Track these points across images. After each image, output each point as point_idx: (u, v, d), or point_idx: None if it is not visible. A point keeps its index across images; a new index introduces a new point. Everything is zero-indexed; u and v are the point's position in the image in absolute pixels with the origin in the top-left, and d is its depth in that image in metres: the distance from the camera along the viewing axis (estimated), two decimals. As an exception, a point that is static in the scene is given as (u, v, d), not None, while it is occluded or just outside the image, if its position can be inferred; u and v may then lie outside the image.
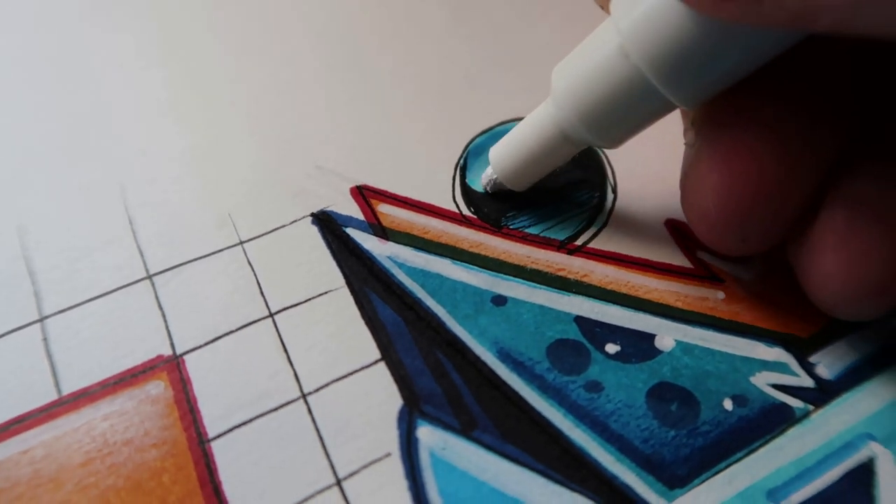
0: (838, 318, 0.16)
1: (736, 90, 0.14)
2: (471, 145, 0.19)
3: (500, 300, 0.17)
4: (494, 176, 0.18)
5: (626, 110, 0.15)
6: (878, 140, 0.14)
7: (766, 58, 0.13)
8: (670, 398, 0.15)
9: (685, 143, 0.16)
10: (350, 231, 0.18)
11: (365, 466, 0.14)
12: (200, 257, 0.17)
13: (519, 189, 0.18)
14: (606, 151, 0.19)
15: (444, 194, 0.18)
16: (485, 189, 0.18)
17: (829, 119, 0.14)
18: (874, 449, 0.15)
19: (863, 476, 0.14)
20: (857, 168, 0.14)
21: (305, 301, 0.16)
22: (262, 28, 0.22)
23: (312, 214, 0.18)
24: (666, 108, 0.14)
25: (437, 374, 0.15)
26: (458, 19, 0.23)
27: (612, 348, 0.16)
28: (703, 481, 0.14)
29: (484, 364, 0.16)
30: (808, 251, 0.14)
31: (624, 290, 0.17)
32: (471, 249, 0.17)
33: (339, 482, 0.14)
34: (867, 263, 0.14)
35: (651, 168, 0.19)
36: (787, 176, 0.14)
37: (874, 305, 0.14)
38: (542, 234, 0.18)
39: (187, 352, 0.16)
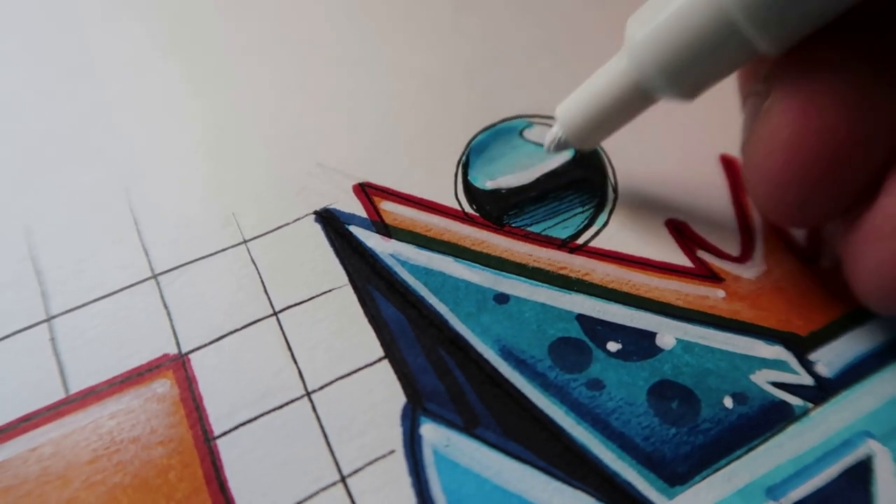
0: (844, 312, 0.16)
1: (818, 39, 0.13)
2: (473, 142, 0.19)
3: (502, 298, 0.17)
4: (561, 135, 0.17)
5: (707, 57, 0.14)
6: None
7: None
8: (671, 396, 0.15)
9: (747, 105, 0.15)
10: (353, 229, 0.18)
11: (369, 463, 0.14)
12: (205, 256, 0.17)
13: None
14: (608, 151, 0.19)
15: (446, 191, 0.19)
16: (547, 149, 0.18)
17: None
18: (872, 447, 0.15)
19: (861, 473, 0.14)
20: None
21: (309, 299, 0.17)
22: (264, 27, 0.22)
23: (315, 212, 0.18)
24: (750, 54, 0.14)
25: (439, 372, 0.16)
26: (460, 16, 0.23)
27: (613, 346, 0.16)
28: (704, 478, 0.14)
29: (486, 362, 0.16)
30: (861, 236, 0.14)
31: (625, 289, 0.17)
32: (473, 247, 0.17)
33: (343, 479, 0.14)
34: None
35: (652, 168, 0.19)
36: (864, 137, 0.13)
37: None
38: (543, 233, 0.18)
39: (192, 350, 0.16)
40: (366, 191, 0.18)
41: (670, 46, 0.14)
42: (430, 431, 0.15)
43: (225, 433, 0.15)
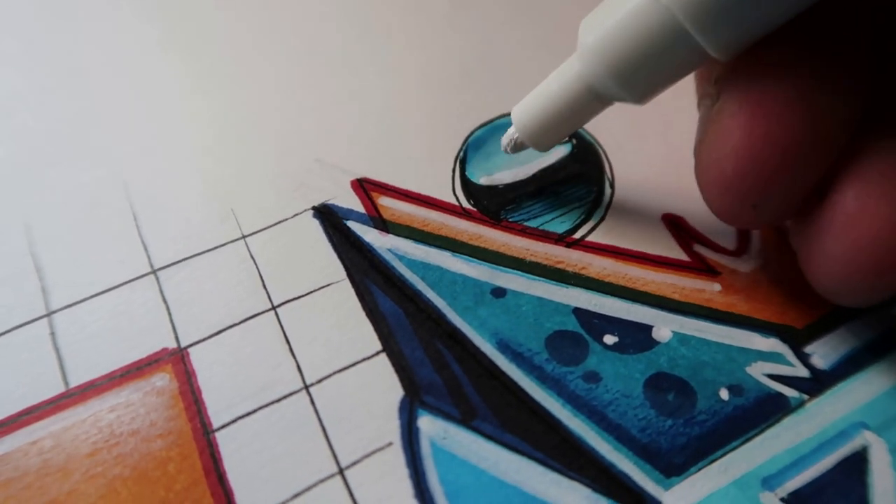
0: (838, 305, 0.16)
1: (765, 45, 0.13)
2: (470, 138, 0.20)
3: (499, 292, 0.17)
4: (516, 135, 0.17)
5: (657, 61, 0.14)
6: (890, 120, 0.14)
7: (807, 1, 0.12)
8: (667, 388, 0.15)
9: (701, 106, 0.16)
10: (351, 224, 0.18)
11: (367, 455, 0.15)
12: (204, 252, 0.17)
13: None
14: (605, 147, 0.20)
15: (443, 187, 0.19)
16: (504, 149, 0.18)
17: (856, 82, 0.14)
18: (868, 437, 0.15)
19: (856, 464, 0.15)
20: (868, 149, 0.14)
21: (307, 294, 0.17)
22: (263, 24, 0.22)
23: (314, 208, 0.18)
24: (699, 59, 0.14)
25: (437, 365, 0.16)
26: (458, 12, 0.23)
27: (609, 339, 0.16)
28: (700, 469, 0.14)
29: (483, 355, 0.16)
30: (815, 233, 0.14)
31: (621, 283, 0.17)
32: (470, 242, 0.18)
33: (341, 471, 0.14)
34: (875, 247, 0.13)
35: (649, 163, 0.19)
36: (813, 140, 0.14)
37: (878, 291, 0.14)
38: (540, 227, 0.18)
39: (192, 344, 0.16)
40: (364, 186, 0.19)
41: (621, 51, 0.14)
42: (428, 424, 0.15)
43: (224, 426, 0.15)
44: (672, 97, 0.20)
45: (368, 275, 0.17)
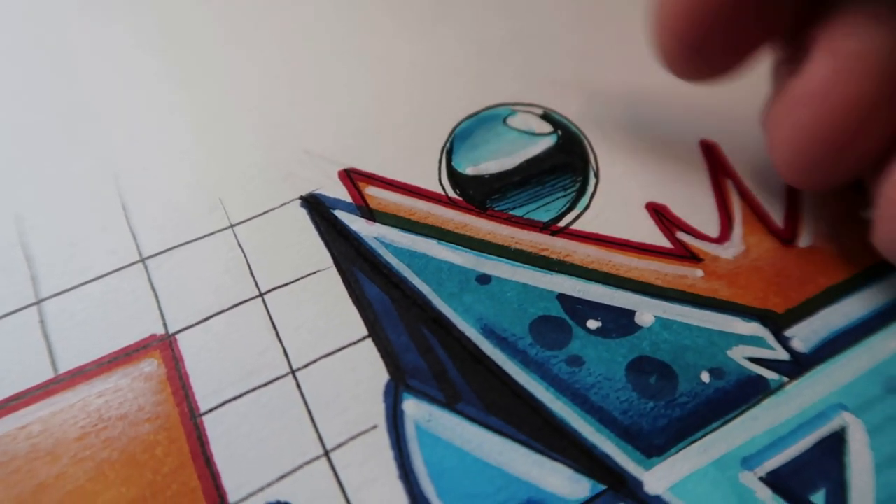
0: (818, 291, 0.16)
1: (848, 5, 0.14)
2: (457, 129, 0.20)
3: (484, 279, 0.17)
4: None
5: None
6: None
7: None
8: (649, 371, 0.16)
9: (779, 71, 0.16)
10: (338, 213, 0.18)
11: (352, 438, 0.15)
12: (192, 240, 0.17)
13: None
14: (590, 137, 0.20)
15: (430, 177, 0.19)
16: None
17: None
18: (846, 418, 0.15)
19: (834, 444, 0.15)
20: None
21: (294, 281, 0.17)
22: (251, 15, 0.22)
23: (301, 197, 0.18)
24: None
25: (422, 350, 0.16)
26: (445, 4, 0.23)
27: (593, 324, 0.16)
28: (680, 450, 0.15)
29: (468, 340, 0.16)
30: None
31: (605, 269, 0.17)
32: (456, 230, 0.18)
33: (327, 453, 0.15)
34: None
35: (632, 153, 0.19)
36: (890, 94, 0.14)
37: None
38: (526, 216, 0.18)
39: (179, 331, 0.16)
40: (351, 176, 0.19)
41: None
42: (413, 407, 0.15)
43: (211, 410, 0.15)
44: (659, 89, 0.20)
45: (355, 262, 0.17)
